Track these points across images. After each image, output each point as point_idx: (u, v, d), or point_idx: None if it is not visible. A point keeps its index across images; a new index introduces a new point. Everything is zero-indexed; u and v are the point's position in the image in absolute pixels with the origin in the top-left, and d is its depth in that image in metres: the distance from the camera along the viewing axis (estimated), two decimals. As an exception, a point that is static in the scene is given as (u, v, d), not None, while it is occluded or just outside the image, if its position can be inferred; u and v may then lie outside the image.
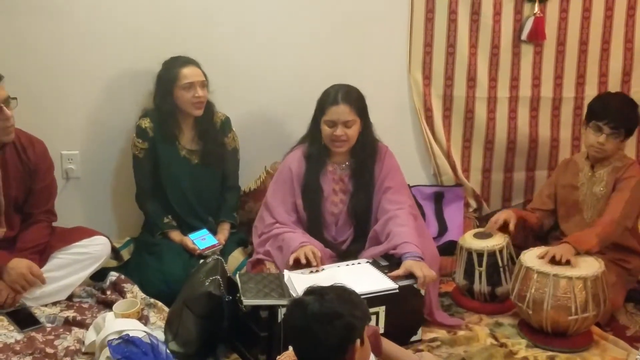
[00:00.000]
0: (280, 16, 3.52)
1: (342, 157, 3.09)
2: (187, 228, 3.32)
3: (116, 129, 3.43)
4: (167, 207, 3.33)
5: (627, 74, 3.77)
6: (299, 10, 3.53)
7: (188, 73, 3.19)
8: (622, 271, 3.09)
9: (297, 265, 2.78)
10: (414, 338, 2.74)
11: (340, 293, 1.89)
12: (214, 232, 3.33)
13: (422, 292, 2.70)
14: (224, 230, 3.38)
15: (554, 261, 2.80)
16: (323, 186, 3.08)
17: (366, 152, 3.06)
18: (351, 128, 2.97)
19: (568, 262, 2.78)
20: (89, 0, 3.27)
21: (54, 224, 3.11)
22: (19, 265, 2.84)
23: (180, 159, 3.31)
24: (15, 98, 2.80)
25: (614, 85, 3.75)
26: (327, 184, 3.09)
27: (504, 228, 3.18)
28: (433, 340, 2.77)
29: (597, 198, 3.16)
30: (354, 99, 2.99)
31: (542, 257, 2.84)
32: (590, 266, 2.77)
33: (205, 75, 3.25)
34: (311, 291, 1.89)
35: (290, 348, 1.95)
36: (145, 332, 2.45)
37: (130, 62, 3.38)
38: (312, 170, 3.07)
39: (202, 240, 3.24)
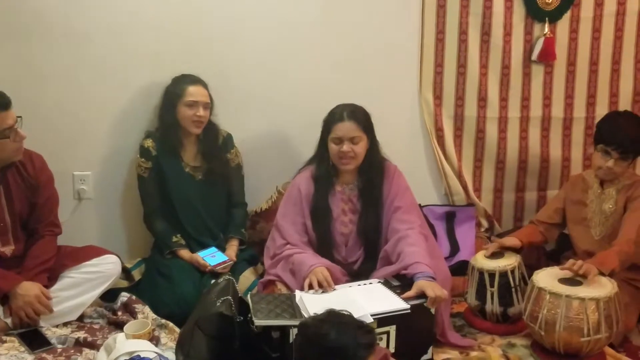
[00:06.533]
0: (292, 38, 3.54)
1: (350, 177, 3.10)
2: (197, 246, 3.34)
3: (128, 151, 3.45)
4: (176, 226, 3.35)
5: (637, 93, 3.76)
6: (310, 32, 3.56)
7: (194, 91, 3.24)
8: (636, 291, 3.07)
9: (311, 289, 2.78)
10: (424, 357, 2.72)
11: (324, 345, 1.91)
12: (222, 249, 3.34)
13: (432, 310, 2.68)
14: (233, 246, 3.39)
15: (566, 281, 2.79)
16: (332, 207, 3.08)
17: (374, 171, 3.07)
18: (358, 144, 2.98)
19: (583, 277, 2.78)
20: (103, 27, 3.32)
21: (64, 242, 3.13)
22: (28, 292, 2.83)
23: (185, 175, 3.35)
24: (20, 117, 2.84)
25: (624, 105, 3.73)
26: (336, 204, 3.09)
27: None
28: (445, 361, 2.75)
29: (606, 216, 3.16)
30: (360, 116, 3.01)
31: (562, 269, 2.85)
32: (603, 287, 2.75)
33: (211, 98, 3.30)
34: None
35: None
36: (156, 353, 2.45)
37: (142, 85, 3.42)
38: (320, 191, 3.08)
39: (212, 257, 3.25)
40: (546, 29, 3.65)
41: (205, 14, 3.41)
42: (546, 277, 2.86)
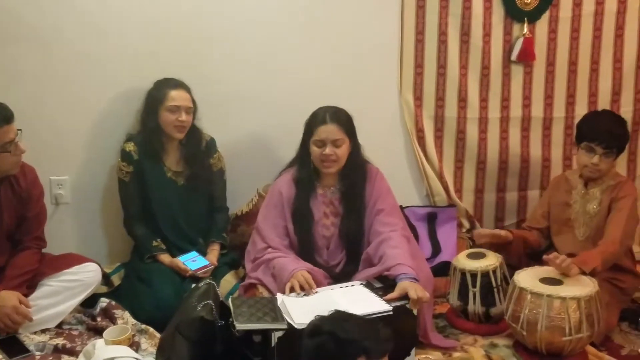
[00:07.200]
0: (273, 41, 3.53)
1: (331, 180, 3.08)
2: (177, 251, 3.31)
3: (106, 155, 3.42)
4: (156, 231, 3.32)
5: (616, 93, 3.79)
6: (290, 35, 3.55)
7: (176, 96, 3.20)
8: (616, 290, 3.08)
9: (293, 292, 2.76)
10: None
11: (350, 342, 1.89)
12: (203, 254, 3.31)
13: (415, 312, 2.67)
14: (214, 250, 3.36)
15: (547, 280, 2.80)
16: (313, 210, 3.06)
17: (356, 174, 3.06)
18: (340, 147, 2.97)
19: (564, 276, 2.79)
20: (83, 27, 3.29)
21: (43, 250, 3.08)
22: (6, 302, 2.78)
23: (167, 180, 3.31)
24: (20, 129, 2.80)
25: (603, 105, 3.75)
26: (318, 207, 3.07)
27: (500, 248, 3.19)
28: (428, 362, 2.75)
29: (590, 216, 3.17)
30: (343, 118, 2.99)
31: (548, 254, 2.86)
32: (584, 286, 2.76)
33: (194, 102, 3.27)
34: None
35: None
36: (136, 358, 2.44)
37: (120, 87, 3.39)
38: (302, 194, 3.06)
39: (192, 261, 3.22)
40: (525, 29, 3.66)
41: (189, 17, 3.40)
42: (527, 277, 2.86)
